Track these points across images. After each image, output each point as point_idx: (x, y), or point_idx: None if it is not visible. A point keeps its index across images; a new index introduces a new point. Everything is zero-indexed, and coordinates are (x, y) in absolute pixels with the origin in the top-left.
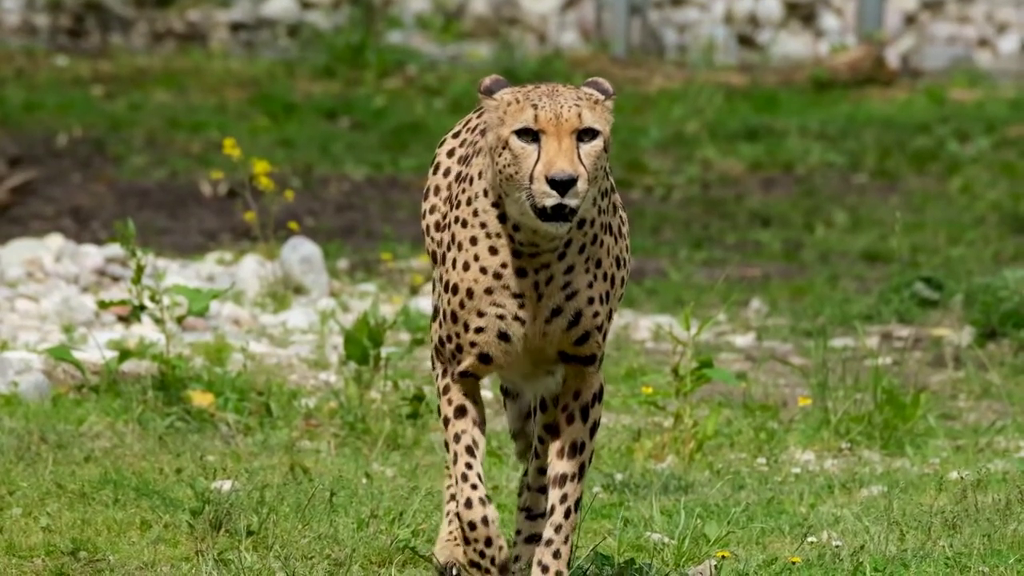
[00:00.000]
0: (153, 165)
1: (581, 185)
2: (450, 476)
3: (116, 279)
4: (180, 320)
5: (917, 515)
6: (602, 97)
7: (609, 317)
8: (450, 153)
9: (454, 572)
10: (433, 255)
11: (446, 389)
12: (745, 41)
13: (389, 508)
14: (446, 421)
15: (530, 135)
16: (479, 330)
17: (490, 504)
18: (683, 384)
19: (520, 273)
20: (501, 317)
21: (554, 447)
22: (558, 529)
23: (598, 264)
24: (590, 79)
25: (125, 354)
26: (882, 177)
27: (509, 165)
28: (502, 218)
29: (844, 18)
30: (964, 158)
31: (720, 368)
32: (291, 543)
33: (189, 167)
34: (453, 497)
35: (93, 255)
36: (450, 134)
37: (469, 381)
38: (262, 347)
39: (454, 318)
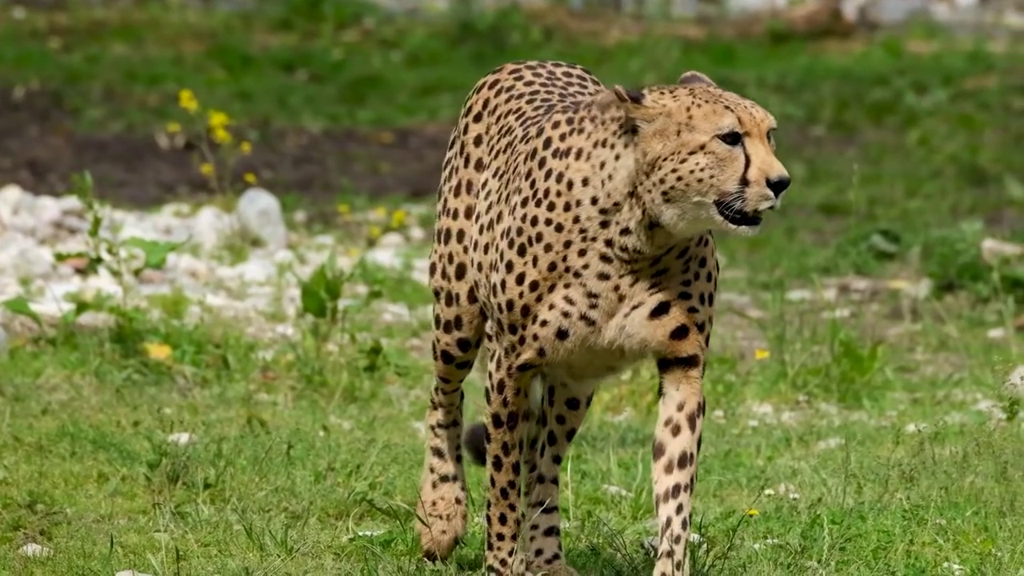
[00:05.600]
0: (110, 117)
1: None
2: (431, 426)
3: (73, 231)
4: (137, 272)
5: (874, 468)
6: None
7: (710, 320)
8: (477, 141)
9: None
10: (460, 268)
11: (501, 386)
12: None
13: (346, 461)
14: (497, 421)
15: (732, 139)
16: (543, 323)
17: (522, 523)
18: None
19: (602, 277)
20: (566, 315)
21: (661, 463)
22: (677, 540)
23: (702, 263)
24: (690, 74)
25: (82, 306)
26: (839, 129)
27: (703, 170)
28: (604, 224)
29: None
30: (921, 110)
31: None
32: (248, 496)
33: (146, 120)
34: (437, 452)
35: (50, 207)
36: (471, 117)
37: (527, 374)
38: (219, 300)
39: (524, 311)
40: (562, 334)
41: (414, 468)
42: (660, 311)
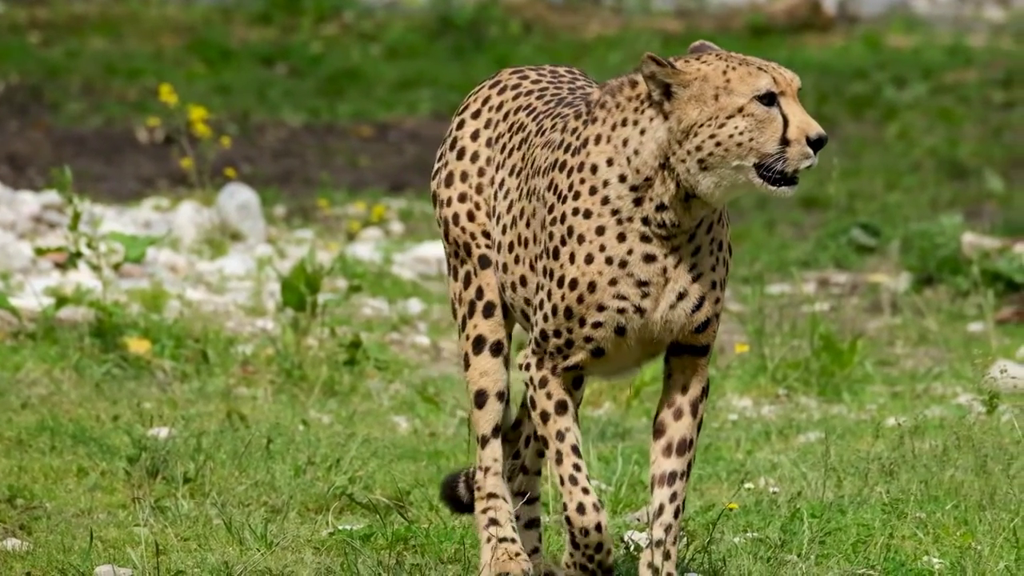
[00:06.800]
0: (90, 112)
1: None
2: (482, 497)
3: (53, 226)
4: (117, 267)
5: (854, 461)
6: None
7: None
8: (475, 136)
9: None
10: (466, 247)
11: (543, 382)
12: None
13: (326, 455)
14: (544, 416)
15: (769, 100)
16: (597, 325)
17: (603, 509)
18: None
19: (648, 259)
20: (621, 311)
21: (660, 444)
22: (668, 529)
23: (720, 247)
24: (700, 43)
25: (62, 301)
26: (819, 123)
27: (743, 133)
28: (638, 202)
29: None
30: (901, 104)
31: None
32: (228, 490)
33: (125, 114)
34: (494, 521)
35: (30, 202)
36: (468, 114)
37: (571, 375)
38: (199, 294)
39: (568, 314)
40: (620, 330)
41: (394, 462)
42: (697, 307)
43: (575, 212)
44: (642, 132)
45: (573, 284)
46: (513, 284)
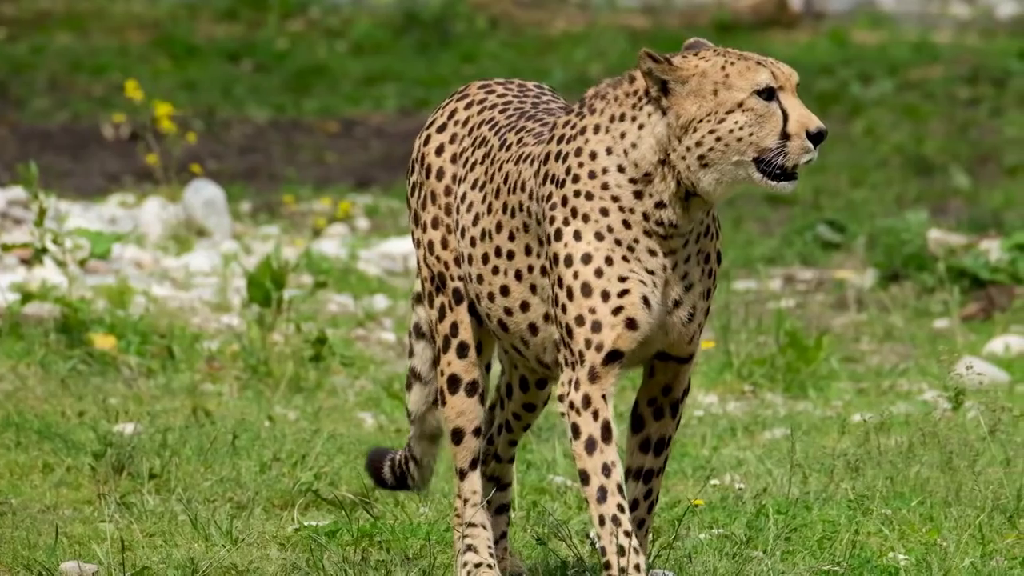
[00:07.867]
0: (55, 108)
1: None
2: (461, 525)
3: (18, 222)
4: (83, 263)
5: (820, 458)
6: None
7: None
8: (439, 151)
9: None
10: (440, 277)
11: (587, 401)
12: None
13: (291, 451)
14: (590, 445)
15: (768, 94)
16: (623, 293)
17: (642, 553)
18: None
19: (652, 253)
20: (643, 283)
21: (637, 439)
22: (641, 524)
23: (707, 259)
24: (694, 40)
25: (27, 297)
26: None
27: (743, 128)
28: (638, 195)
29: None
30: (867, 100)
31: None
32: (193, 486)
33: (91, 110)
34: (471, 548)
35: None
36: (433, 128)
37: (611, 374)
38: (165, 290)
39: (586, 290)
40: (646, 301)
41: (359, 458)
42: (690, 318)
43: (576, 194)
44: (640, 127)
45: (586, 259)
46: (491, 295)
